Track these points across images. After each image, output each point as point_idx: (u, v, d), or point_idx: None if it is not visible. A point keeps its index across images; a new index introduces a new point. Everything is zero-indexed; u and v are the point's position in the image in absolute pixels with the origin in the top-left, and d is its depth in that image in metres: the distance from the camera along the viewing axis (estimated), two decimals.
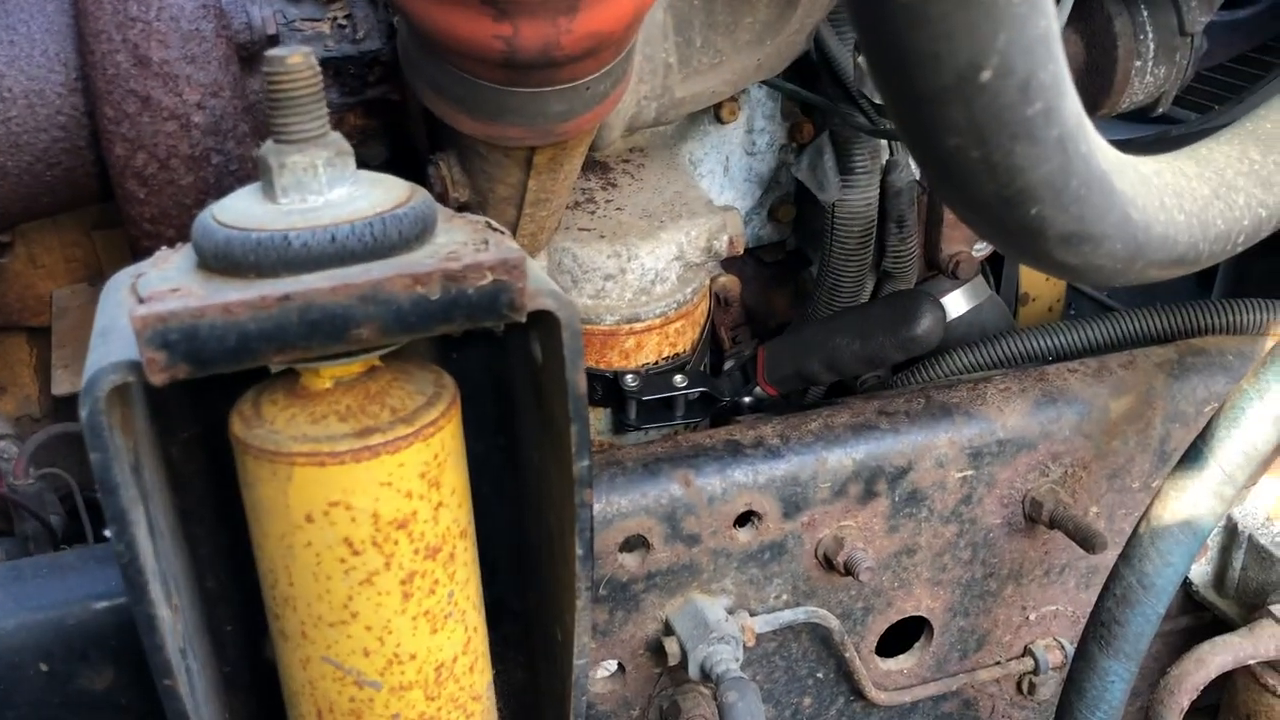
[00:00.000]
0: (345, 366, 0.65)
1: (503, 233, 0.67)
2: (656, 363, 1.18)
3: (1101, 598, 0.95)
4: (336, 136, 0.62)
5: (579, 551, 0.68)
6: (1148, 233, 0.58)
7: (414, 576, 0.67)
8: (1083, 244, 0.55)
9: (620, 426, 1.18)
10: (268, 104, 0.60)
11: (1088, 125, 0.52)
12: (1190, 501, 0.91)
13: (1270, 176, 0.68)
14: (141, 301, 0.56)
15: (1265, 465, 1.09)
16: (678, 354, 1.19)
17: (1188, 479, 0.92)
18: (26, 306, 1.23)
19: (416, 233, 0.60)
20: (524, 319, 0.58)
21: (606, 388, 1.15)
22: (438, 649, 0.70)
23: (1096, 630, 0.96)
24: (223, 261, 0.58)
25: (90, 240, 1.20)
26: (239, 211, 0.60)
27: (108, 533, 0.57)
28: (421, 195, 0.63)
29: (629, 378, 1.13)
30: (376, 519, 0.64)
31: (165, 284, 0.58)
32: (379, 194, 0.62)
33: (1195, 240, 0.61)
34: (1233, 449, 0.90)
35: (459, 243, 0.62)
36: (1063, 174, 0.51)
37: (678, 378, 1.14)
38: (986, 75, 0.44)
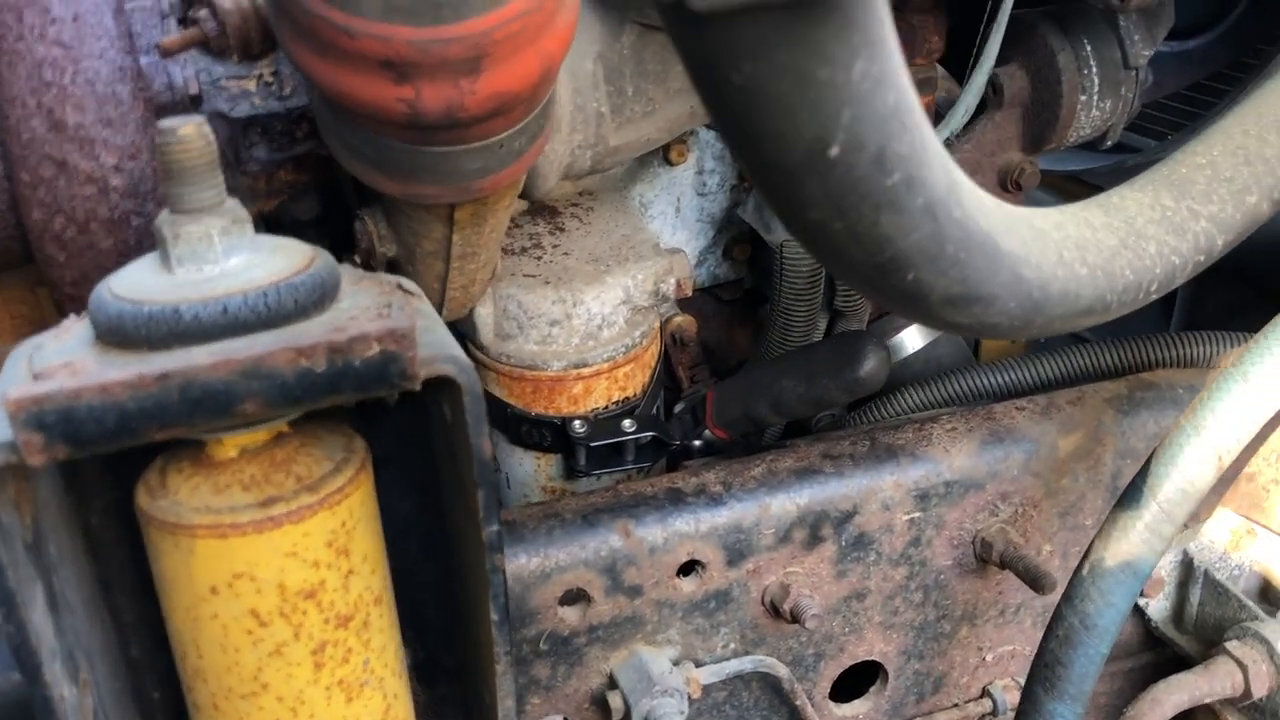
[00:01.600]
0: (250, 435, 0.64)
1: (413, 294, 0.67)
2: (606, 407, 1.17)
3: (1045, 639, 0.94)
4: (234, 204, 0.62)
5: (494, 617, 0.67)
6: (1044, 290, 0.57)
7: (325, 646, 0.66)
8: (971, 305, 0.54)
9: (571, 473, 1.18)
10: (161, 174, 0.60)
11: (964, 188, 0.51)
12: (1130, 541, 0.90)
13: (1183, 224, 0.67)
14: (35, 378, 0.56)
15: (1212, 501, 1.08)
16: (628, 398, 1.19)
17: (1127, 518, 0.91)
18: None
19: (314, 299, 0.60)
20: (418, 387, 0.58)
21: (555, 434, 1.15)
22: (355, 718, 0.69)
23: (1040, 672, 0.95)
24: (115, 335, 0.58)
25: (35, 296, 1.19)
26: (134, 283, 0.60)
27: None
28: (322, 260, 0.62)
29: (577, 423, 1.12)
30: (283, 590, 0.63)
31: (60, 357, 0.58)
32: (278, 261, 0.61)
33: (1101, 292, 0.61)
34: (1170, 487, 0.89)
35: (362, 307, 0.62)
36: (935, 240, 0.50)
37: (626, 422, 1.13)
38: (835, 151, 0.44)
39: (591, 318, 1.13)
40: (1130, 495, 0.92)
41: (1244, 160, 0.72)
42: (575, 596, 0.96)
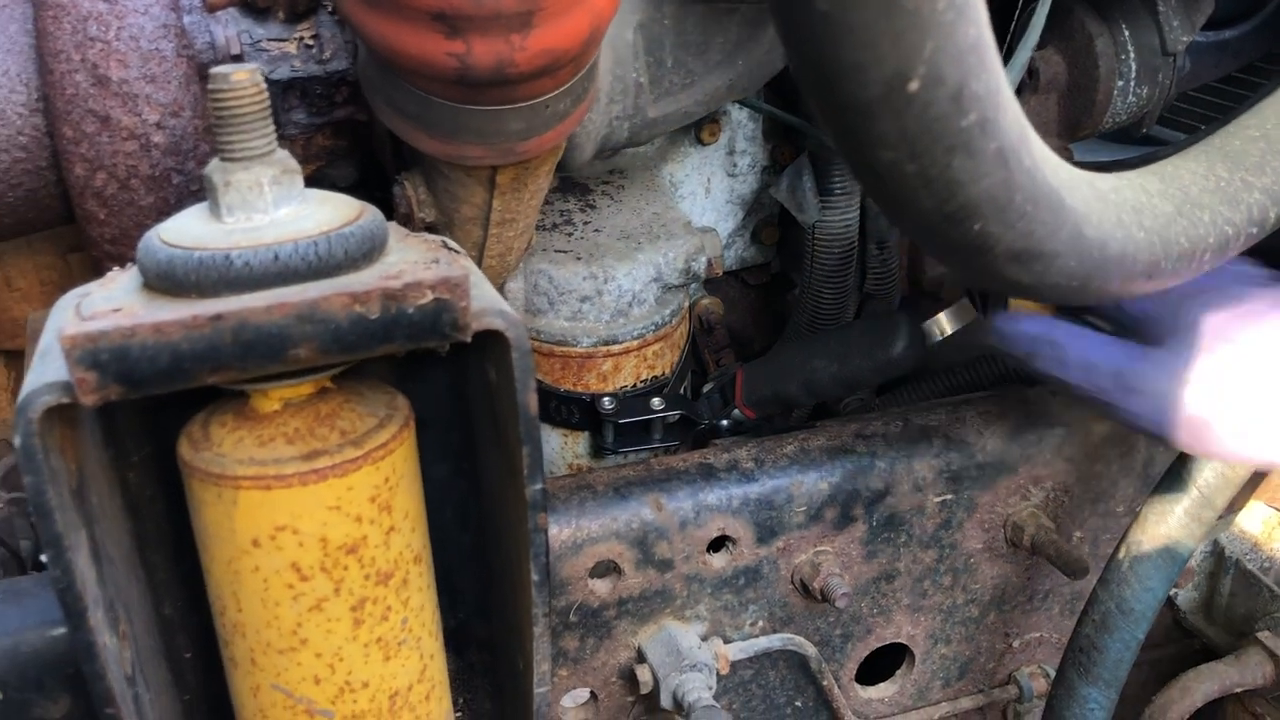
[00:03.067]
0: (294, 388, 0.64)
1: (458, 252, 0.66)
2: (634, 385, 1.17)
3: (1080, 623, 0.94)
4: (284, 154, 0.61)
5: (535, 578, 0.67)
6: (1104, 250, 0.57)
7: (365, 603, 0.65)
8: (1033, 261, 0.54)
9: (598, 451, 1.17)
10: (213, 121, 0.59)
11: (1033, 139, 0.51)
12: (1169, 526, 0.90)
13: (1237, 194, 0.67)
14: (84, 321, 0.55)
15: (1249, 489, 1.07)
16: (656, 376, 1.18)
17: (1166, 503, 0.91)
18: (2, 330, 1.22)
19: (364, 252, 0.59)
20: (469, 339, 0.57)
21: (583, 411, 1.14)
22: (391, 677, 0.68)
23: (1075, 657, 0.94)
24: (165, 281, 0.57)
25: (65, 263, 1.19)
26: (183, 230, 0.59)
27: (43, 558, 0.56)
28: (370, 214, 0.62)
29: (606, 400, 1.12)
30: (325, 544, 0.63)
31: (108, 304, 0.57)
32: (327, 212, 0.61)
33: (1157, 258, 0.60)
34: (1211, 472, 0.89)
35: (409, 261, 0.61)
36: (1005, 188, 0.49)
37: (655, 400, 1.13)
38: (915, 85, 0.43)
39: (622, 294, 1.13)
40: (1169, 480, 0.91)
41: None
42: (606, 569, 0.96)
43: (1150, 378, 0.78)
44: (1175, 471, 0.92)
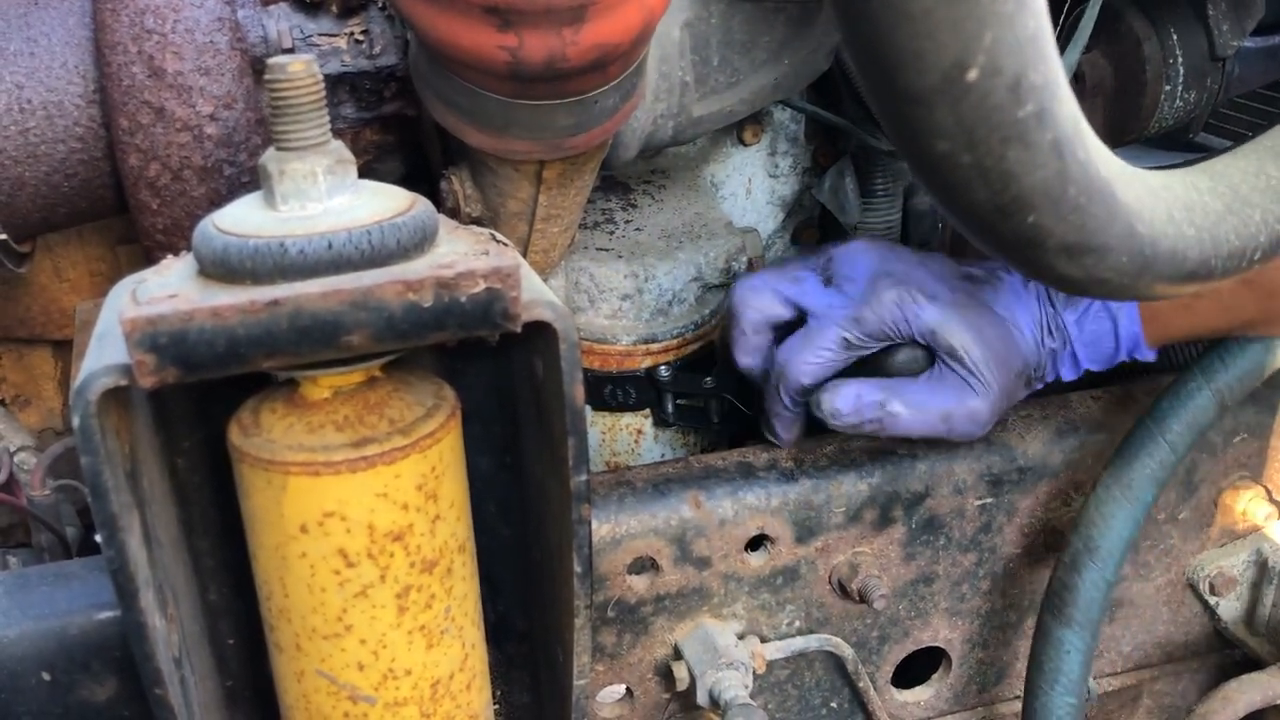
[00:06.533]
0: (344, 376, 0.64)
1: (506, 245, 0.67)
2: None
3: (1055, 569, 1.00)
4: (338, 145, 0.62)
5: (577, 569, 0.67)
6: (1155, 247, 0.57)
7: (410, 590, 0.66)
8: (1085, 256, 0.54)
9: (660, 423, 1.16)
10: (269, 111, 0.60)
11: (1087, 131, 0.51)
12: (1134, 470, 0.97)
13: None
14: (142, 305, 0.56)
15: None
16: None
17: (1132, 447, 0.98)
18: (51, 320, 1.24)
19: (416, 242, 0.60)
20: (519, 329, 0.58)
21: (640, 387, 1.14)
22: (434, 665, 0.69)
23: (1049, 600, 1.00)
24: (220, 268, 0.58)
25: (114, 255, 1.21)
26: (238, 219, 0.60)
27: (98, 538, 0.57)
28: (422, 205, 0.62)
29: (662, 369, 1.12)
30: (372, 531, 0.63)
31: (164, 290, 0.58)
32: (379, 203, 0.61)
33: (1207, 256, 0.60)
34: (1176, 421, 0.96)
35: (459, 252, 0.62)
36: (1060, 180, 0.49)
37: (707, 379, 1.13)
38: (973, 75, 0.43)
39: (663, 293, 1.13)
40: (1137, 431, 0.99)
41: None
42: (644, 565, 0.96)
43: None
44: (1143, 422, 0.99)
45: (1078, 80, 1.22)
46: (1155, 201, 0.57)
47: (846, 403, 0.91)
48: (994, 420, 0.95)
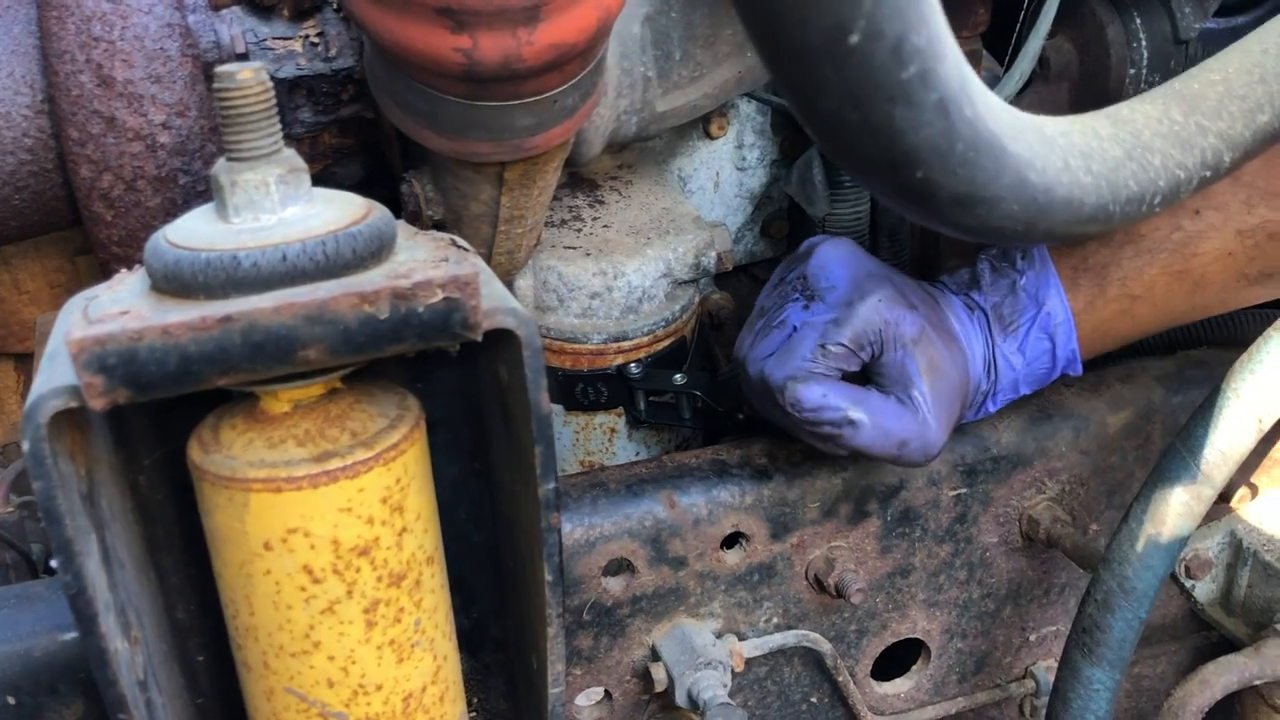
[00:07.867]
0: (304, 389, 0.63)
1: (467, 250, 0.66)
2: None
3: (1083, 604, 0.94)
4: (290, 153, 0.60)
5: (548, 577, 0.66)
6: (1049, 195, 0.58)
7: (378, 605, 0.65)
8: (977, 206, 0.55)
9: (633, 422, 1.16)
10: (219, 121, 0.59)
11: (974, 88, 0.52)
12: (1169, 505, 0.90)
13: (1191, 139, 0.67)
14: (90, 324, 0.55)
15: (1248, 468, 1.07)
16: None
17: (1166, 481, 0.91)
18: (12, 333, 1.22)
19: (372, 250, 0.59)
20: (479, 338, 0.56)
21: (611, 386, 1.13)
22: (405, 679, 0.68)
23: (1079, 638, 0.95)
24: (172, 283, 0.57)
25: (73, 266, 1.19)
26: (191, 231, 0.59)
27: (54, 563, 0.56)
28: (379, 212, 0.61)
29: (632, 366, 1.11)
30: (337, 546, 0.62)
31: (116, 306, 0.57)
32: (334, 212, 0.60)
33: (1104, 202, 0.61)
34: (1210, 451, 0.89)
35: (419, 260, 0.60)
36: (946, 137, 0.51)
37: (677, 376, 1.12)
38: (855, 39, 0.45)
39: (632, 290, 1.12)
40: (1169, 458, 0.92)
41: (1259, 78, 0.71)
42: (619, 566, 0.95)
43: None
44: (1175, 449, 0.92)
45: (1043, 65, 1.22)
46: (1049, 150, 0.58)
47: (811, 398, 0.89)
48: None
